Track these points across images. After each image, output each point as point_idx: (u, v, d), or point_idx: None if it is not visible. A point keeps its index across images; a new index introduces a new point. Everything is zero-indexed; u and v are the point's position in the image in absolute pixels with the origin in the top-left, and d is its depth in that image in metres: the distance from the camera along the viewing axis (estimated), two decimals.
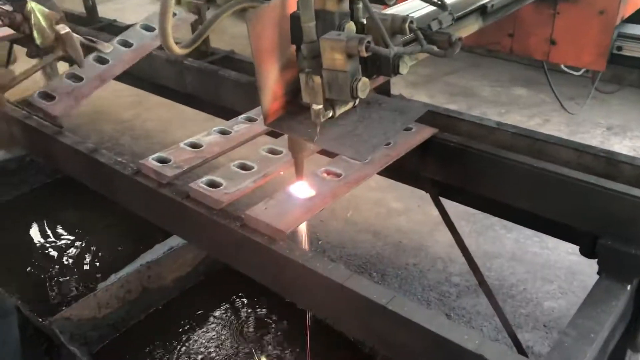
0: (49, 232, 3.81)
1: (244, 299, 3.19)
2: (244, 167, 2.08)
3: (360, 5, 1.45)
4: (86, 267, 3.48)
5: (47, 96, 2.53)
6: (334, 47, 1.34)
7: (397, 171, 2.40)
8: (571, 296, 3.21)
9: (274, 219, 1.80)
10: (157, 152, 2.19)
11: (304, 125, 1.54)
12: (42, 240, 3.73)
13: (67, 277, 3.40)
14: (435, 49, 1.47)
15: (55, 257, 3.57)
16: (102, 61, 2.73)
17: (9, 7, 2.54)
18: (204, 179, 1.99)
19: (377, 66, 1.43)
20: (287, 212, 1.84)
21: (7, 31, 2.99)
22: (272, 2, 1.45)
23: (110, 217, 3.73)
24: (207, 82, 2.97)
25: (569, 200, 2.02)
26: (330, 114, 1.46)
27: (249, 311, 3.13)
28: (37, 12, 2.44)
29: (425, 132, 2.30)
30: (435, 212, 2.69)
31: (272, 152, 2.17)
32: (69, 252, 3.60)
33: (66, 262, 3.52)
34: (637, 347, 2.05)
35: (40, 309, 3.10)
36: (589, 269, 3.29)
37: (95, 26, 3.88)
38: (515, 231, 3.64)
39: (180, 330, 3.03)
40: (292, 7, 1.48)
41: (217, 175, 2.02)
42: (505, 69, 6.08)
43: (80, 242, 3.69)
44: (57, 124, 2.93)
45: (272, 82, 1.51)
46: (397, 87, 4.45)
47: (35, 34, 2.39)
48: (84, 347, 2.87)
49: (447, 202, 2.63)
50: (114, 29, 3.76)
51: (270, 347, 2.91)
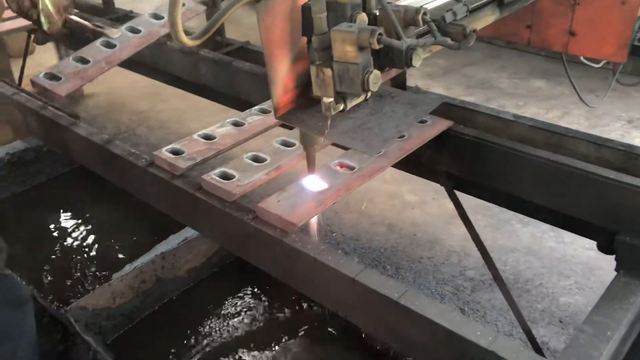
0: (65, 222, 3.84)
1: (258, 290, 3.19)
2: (257, 159, 2.08)
3: None
4: (101, 257, 3.50)
5: (53, 77, 2.54)
6: (345, 39, 1.32)
7: (411, 164, 2.38)
8: (588, 292, 3.16)
9: (287, 211, 1.80)
10: (171, 143, 2.20)
11: (314, 118, 1.53)
12: (58, 230, 3.76)
13: (83, 267, 3.42)
14: (449, 41, 1.45)
15: (70, 247, 3.60)
16: (109, 46, 2.74)
17: None
18: (217, 171, 1.99)
19: (390, 58, 1.40)
20: (300, 205, 1.83)
21: (21, 22, 3.01)
22: None
23: (126, 207, 3.74)
24: (222, 73, 2.97)
25: (586, 195, 1.99)
26: (341, 107, 1.44)
27: (263, 302, 3.13)
28: None
29: (440, 125, 2.28)
30: (450, 205, 2.66)
31: (285, 144, 2.16)
32: (85, 242, 3.62)
33: (82, 252, 3.54)
34: None
35: (55, 298, 3.14)
36: (607, 264, 3.25)
37: (111, 16, 3.89)
38: (531, 225, 3.59)
39: (193, 320, 3.03)
40: None
41: (230, 167, 2.02)
42: (524, 60, 5.99)
43: (95, 232, 3.70)
44: (74, 115, 2.94)
45: (282, 75, 1.50)
46: (414, 78, 4.41)
47: (42, 19, 2.39)
48: (98, 337, 2.89)
49: (462, 195, 2.60)
50: (130, 20, 3.76)
51: (285, 338, 2.90)
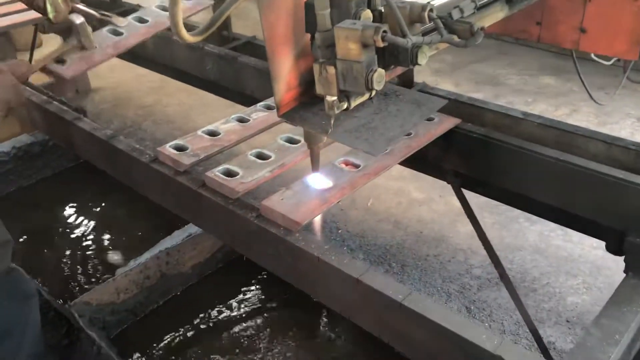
0: (70, 216, 3.83)
1: (264, 286, 3.18)
2: (261, 156, 2.05)
3: None
4: (106, 253, 3.50)
5: (60, 61, 2.54)
6: (348, 37, 1.29)
7: (418, 162, 2.35)
8: (596, 292, 3.14)
9: (290, 210, 1.77)
10: (177, 138, 2.18)
11: (318, 117, 1.50)
12: (64, 224, 3.75)
13: (87, 262, 3.42)
14: (455, 39, 1.43)
15: (76, 241, 3.59)
16: (116, 33, 2.72)
17: None
18: (220, 168, 1.97)
19: (394, 56, 1.38)
20: (304, 203, 1.81)
21: (29, 15, 2.99)
22: None
23: (131, 202, 3.73)
24: (227, 68, 2.95)
25: (596, 195, 1.96)
26: (344, 106, 1.41)
27: (269, 298, 3.12)
28: None
29: (448, 123, 2.25)
30: (457, 202, 2.63)
31: (290, 141, 2.14)
32: (90, 237, 3.62)
33: (87, 247, 3.54)
34: None
35: (60, 293, 3.14)
36: (615, 264, 3.25)
37: (118, 10, 3.87)
38: (539, 224, 3.56)
39: (197, 316, 3.03)
40: None
41: (234, 164, 2.00)
42: (533, 57, 5.93)
43: (101, 227, 3.70)
44: (80, 110, 2.93)
45: (285, 72, 1.47)
46: (422, 75, 4.37)
47: (48, 8, 2.36)
48: (102, 332, 2.89)
49: (469, 193, 2.57)
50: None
51: (290, 334, 2.89)
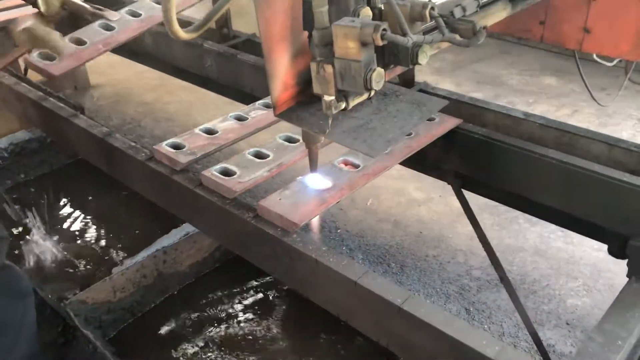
0: (67, 213, 3.81)
1: (262, 285, 3.15)
2: (259, 155, 2.02)
3: None
4: (103, 251, 3.47)
5: (48, 57, 2.46)
6: (347, 34, 1.26)
7: (418, 162, 2.33)
8: (596, 294, 3.12)
9: (288, 210, 1.74)
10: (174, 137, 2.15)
11: (315, 117, 1.47)
12: (60, 221, 3.73)
13: (84, 260, 3.39)
14: (457, 38, 1.40)
15: (72, 239, 3.57)
16: (107, 28, 2.66)
17: None
18: (217, 167, 1.94)
19: (394, 56, 1.35)
20: (302, 203, 1.78)
21: (27, 10, 2.96)
22: None
23: (129, 200, 3.71)
24: (226, 66, 2.91)
25: (598, 197, 1.93)
26: (343, 106, 1.38)
27: (267, 297, 3.09)
28: None
29: (448, 123, 2.22)
30: (457, 203, 2.61)
31: (289, 140, 2.11)
32: (87, 235, 3.60)
33: (83, 245, 3.51)
34: None
35: (56, 291, 3.11)
36: (616, 266, 3.24)
37: (117, 7, 3.83)
38: (539, 225, 3.54)
39: (195, 315, 3.00)
40: None
41: (231, 163, 1.97)
42: (535, 57, 5.92)
43: (98, 225, 3.68)
44: (78, 106, 2.90)
45: (282, 71, 1.44)
46: (423, 74, 4.35)
47: (39, 1, 2.30)
48: (98, 331, 2.87)
49: (469, 193, 2.55)
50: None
51: (287, 334, 2.88)
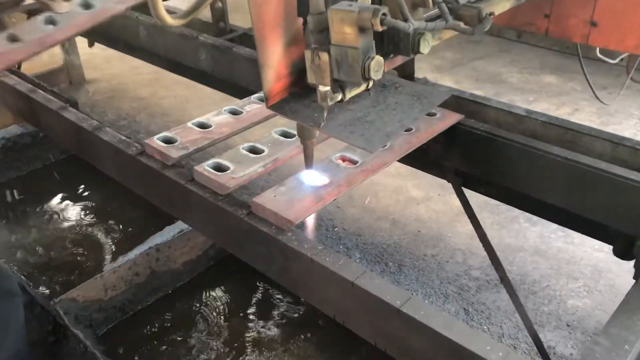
0: (60, 209, 3.75)
1: (257, 283, 3.10)
2: (254, 150, 1.96)
3: None
4: (95, 248, 3.41)
5: None
6: (344, 19, 1.18)
7: (418, 159, 2.27)
8: (597, 295, 3.08)
9: (283, 207, 1.68)
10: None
11: (310, 109, 1.39)
12: (53, 218, 3.67)
13: (75, 257, 3.33)
14: (461, 25, 1.31)
15: (64, 236, 3.51)
16: (51, 22, 2.36)
17: None
18: (210, 162, 1.88)
19: (395, 44, 1.27)
20: (298, 200, 1.72)
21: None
22: None
23: (123, 196, 3.65)
24: (222, 59, 2.85)
25: (604, 196, 1.87)
26: (339, 97, 1.30)
27: (262, 296, 3.04)
28: None
29: (450, 119, 2.16)
30: (456, 201, 2.56)
31: (285, 135, 2.05)
32: (79, 231, 3.54)
33: (75, 242, 3.46)
34: None
35: (46, 288, 3.05)
36: (617, 267, 3.19)
37: None
38: (539, 225, 3.51)
39: (189, 315, 2.95)
40: None
41: (225, 158, 1.91)
42: (535, 55, 5.90)
43: (90, 222, 3.62)
44: (71, 101, 2.83)
45: (275, 60, 1.36)
46: (422, 71, 4.30)
47: None
48: (89, 330, 2.82)
49: (469, 192, 2.49)
50: None
51: (283, 334, 2.82)
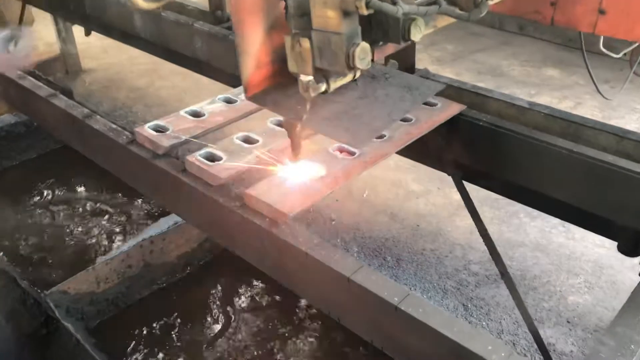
0: (53, 200, 3.71)
1: (252, 277, 3.05)
2: (248, 140, 1.90)
3: None
4: (88, 239, 3.36)
5: None
6: (326, 2, 1.10)
7: (418, 151, 2.21)
8: (598, 291, 3.04)
9: (277, 200, 1.62)
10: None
11: (292, 100, 1.29)
12: (45, 209, 3.62)
13: (68, 249, 3.29)
14: (456, 10, 1.23)
15: (56, 227, 3.46)
16: None
17: None
18: (203, 152, 1.82)
19: (384, 30, 1.17)
20: (293, 192, 1.65)
21: None
22: None
23: (117, 187, 3.60)
24: (218, 47, 2.77)
25: (610, 191, 1.81)
26: (323, 88, 1.21)
27: (257, 290, 3.00)
28: None
29: (451, 109, 2.10)
30: (455, 195, 2.51)
31: (281, 124, 1.98)
32: (72, 223, 3.49)
33: (68, 233, 3.41)
34: None
35: (37, 280, 3.00)
36: (619, 263, 3.14)
37: None
38: (540, 219, 3.46)
39: (183, 309, 2.90)
40: None
41: (218, 148, 1.85)
42: (536, 48, 5.86)
43: (84, 212, 3.58)
44: (66, 90, 2.77)
45: (255, 47, 1.27)
46: (421, 63, 4.23)
47: None
48: (80, 322, 2.77)
49: (468, 186, 2.43)
50: None
51: (282, 328, 2.79)
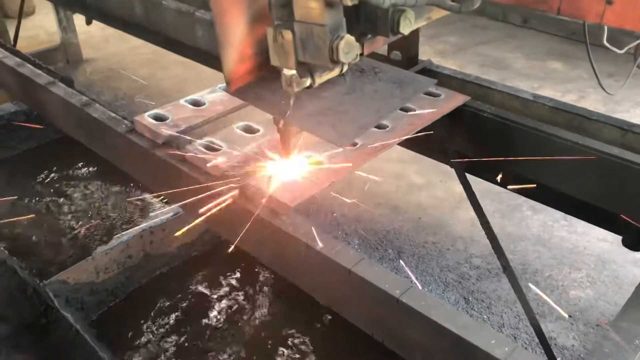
0: (54, 190, 3.68)
1: (252, 268, 3.03)
2: (249, 129, 1.87)
3: None
4: (89, 229, 3.34)
5: None
6: None
7: (420, 142, 2.17)
8: (600, 286, 3.02)
9: (279, 190, 1.59)
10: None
11: (277, 95, 1.23)
12: (46, 198, 3.60)
13: (68, 239, 3.27)
14: (448, 2, 1.16)
15: (57, 217, 3.44)
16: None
17: None
18: (202, 141, 1.80)
19: (372, 22, 1.11)
20: (294, 183, 1.63)
21: None
22: None
23: (118, 177, 3.57)
24: None
25: (616, 184, 1.79)
26: (307, 83, 1.14)
27: (256, 280, 2.98)
28: None
29: (455, 100, 2.07)
30: (458, 188, 2.48)
31: None
32: (72, 213, 3.47)
33: (68, 223, 3.39)
34: None
35: (37, 270, 2.98)
36: (621, 258, 3.12)
37: None
38: (542, 213, 3.44)
39: (182, 300, 2.88)
40: None
41: (218, 137, 1.82)
42: (540, 41, 5.83)
43: (85, 203, 3.55)
44: (67, 79, 2.74)
45: (237, 38, 1.20)
46: (424, 55, 4.20)
47: None
48: (80, 312, 2.76)
49: (470, 179, 2.40)
50: None
51: (280, 319, 2.77)
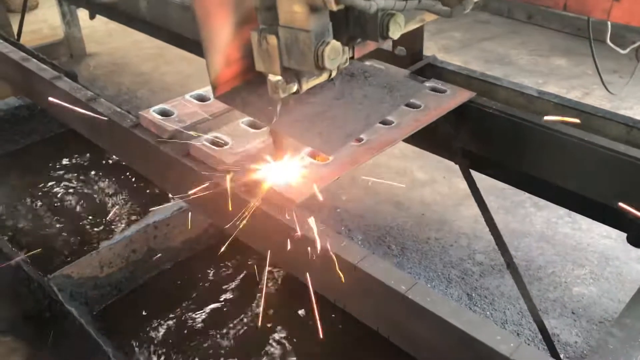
0: (58, 184, 3.68)
1: (255, 262, 3.03)
2: (255, 125, 1.87)
3: None
4: (92, 224, 3.35)
5: None
6: None
7: (425, 138, 2.17)
8: (603, 283, 3.02)
9: (284, 186, 1.59)
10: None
11: (264, 101, 1.19)
12: (50, 193, 3.60)
13: (73, 233, 3.27)
14: (438, 6, 1.13)
15: (61, 211, 3.45)
16: None
17: None
18: (208, 136, 1.79)
19: (361, 26, 1.08)
20: (299, 179, 1.62)
21: None
22: None
23: (122, 171, 3.58)
24: None
25: (621, 181, 1.78)
26: (294, 89, 1.11)
27: (260, 275, 2.97)
28: None
29: (461, 96, 2.06)
30: (461, 184, 2.48)
31: None
32: (77, 207, 3.48)
33: (73, 217, 3.39)
34: None
35: (41, 264, 2.99)
36: (625, 255, 3.12)
37: None
38: (546, 210, 3.44)
39: (186, 294, 2.89)
40: None
41: (224, 132, 1.82)
42: (545, 37, 5.81)
43: (89, 197, 3.56)
44: (70, 74, 2.74)
45: (223, 42, 1.16)
46: (429, 51, 4.20)
47: None
48: (84, 307, 2.76)
49: (474, 175, 2.40)
50: None
51: (283, 314, 2.77)
